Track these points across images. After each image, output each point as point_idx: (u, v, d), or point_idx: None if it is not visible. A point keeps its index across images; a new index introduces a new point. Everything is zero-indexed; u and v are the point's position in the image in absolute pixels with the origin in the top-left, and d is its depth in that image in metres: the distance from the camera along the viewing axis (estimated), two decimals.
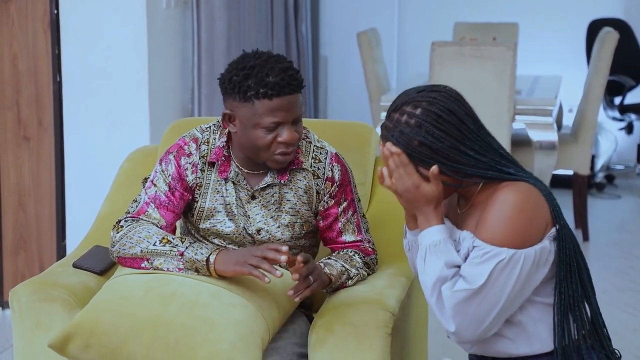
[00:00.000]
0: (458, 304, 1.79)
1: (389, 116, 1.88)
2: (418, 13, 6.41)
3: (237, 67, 2.03)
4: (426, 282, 1.84)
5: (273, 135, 2.03)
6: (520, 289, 1.80)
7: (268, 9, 4.87)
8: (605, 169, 5.99)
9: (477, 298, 1.78)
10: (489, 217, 1.80)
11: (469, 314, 1.80)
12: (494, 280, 1.78)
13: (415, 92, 1.86)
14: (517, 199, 1.80)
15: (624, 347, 3.42)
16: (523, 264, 1.78)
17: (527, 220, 1.80)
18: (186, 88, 4.02)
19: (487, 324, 1.81)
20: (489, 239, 1.79)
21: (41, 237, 3.67)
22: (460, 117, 1.83)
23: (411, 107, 1.84)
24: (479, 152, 1.83)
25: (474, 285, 1.78)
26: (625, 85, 5.83)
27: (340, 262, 2.13)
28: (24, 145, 3.62)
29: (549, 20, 6.17)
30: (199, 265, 2.01)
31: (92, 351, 1.96)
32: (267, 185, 2.13)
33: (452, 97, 1.85)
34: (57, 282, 2.20)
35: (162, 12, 3.72)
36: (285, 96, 2.00)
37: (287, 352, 2.05)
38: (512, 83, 4.25)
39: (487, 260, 1.78)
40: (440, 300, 1.82)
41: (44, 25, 3.55)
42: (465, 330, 1.81)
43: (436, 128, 1.81)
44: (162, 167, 2.15)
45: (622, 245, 4.80)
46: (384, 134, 1.89)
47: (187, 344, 1.92)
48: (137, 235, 2.06)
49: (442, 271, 1.82)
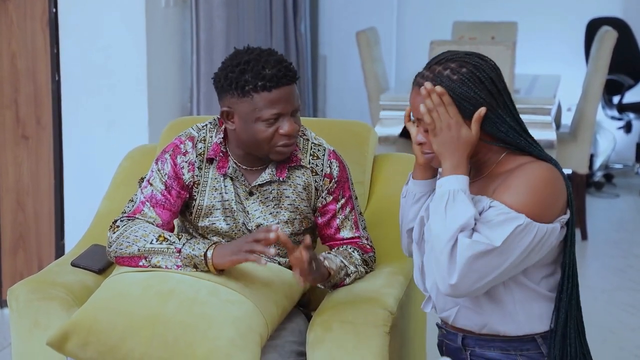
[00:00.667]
0: (474, 256, 1.75)
1: (429, 67, 1.87)
2: (417, 12, 6.41)
3: (232, 63, 2.04)
4: (447, 227, 1.77)
5: (274, 128, 2.03)
6: (522, 259, 1.79)
7: (267, 8, 4.87)
8: (604, 168, 5.99)
9: (491, 255, 1.76)
10: (514, 183, 1.79)
11: (477, 268, 1.76)
12: (509, 242, 1.76)
13: (463, 54, 1.87)
14: (546, 175, 1.81)
15: (622, 345, 3.43)
16: (535, 236, 1.78)
17: (550, 197, 1.81)
18: (185, 87, 4.02)
19: (485, 282, 1.78)
20: (512, 202, 1.77)
21: (40, 236, 3.67)
22: (499, 89, 1.85)
23: (457, 65, 1.84)
24: (512, 124, 1.85)
25: (496, 242, 1.75)
26: (624, 84, 5.83)
27: (339, 258, 2.13)
28: (22, 144, 3.62)
29: (547, 20, 6.18)
30: (197, 261, 2.01)
31: (90, 349, 1.96)
32: (266, 182, 2.13)
33: (496, 70, 1.87)
34: (55, 281, 2.20)
35: (161, 11, 3.72)
36: (283, 87, 2.01)
37: (286, 350, 2.05)
38: (510, 82, 4.25)
39: (506, 221, 1.76)
40: (454, 249, 1.77)
41: (42, 24, 3.55)
42: (464, 283, 1.77)
43: (474, 91, 1.81)
44: (159, 167, 2.15)
45: (620, 244, 4.81)
46: (418, 81, 1.86)
47: (186, 341, 1.92)
48: (133, 235, 2.06)
49: (470, 219, 1.77)
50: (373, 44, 5.13)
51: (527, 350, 1.89)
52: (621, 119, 6.01)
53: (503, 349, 1.89)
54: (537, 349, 1.89)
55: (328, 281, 2.10)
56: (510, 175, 1.82)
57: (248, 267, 2.07)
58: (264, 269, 2.08)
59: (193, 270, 2.03)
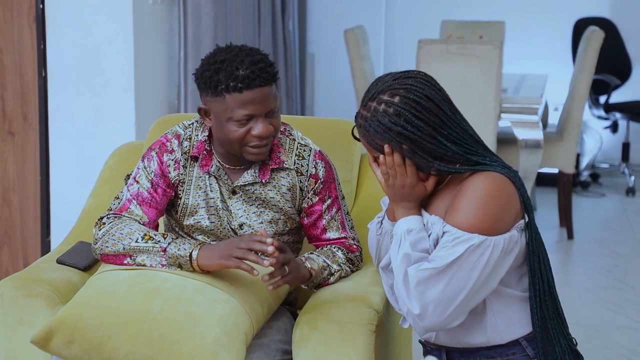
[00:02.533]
0: (422, 282, 1.78)
1: (365, 105, 1.87)
2: (405, 11, 6.42)
3: (209, 61, 2.03)
4: (396, 265, 1.84)
5: (246, 128, 2.03)
6: (487, 277, 1.80)
7: (255, 6, 4.87)
8: (590, 168, 6.02)
9: (443, 279, 1.78)
10: (462, 203, 1.80)
11: (434, 296, 1.78)
12: (461, 263, 1.77)
13: (391, 80, 1.85)
14: (490, 187, 1.81)
15: (607, 344, 3.45)
16: (492, 251, 1.78)
17: (499, 208, 1.81)
18: (172, 84, 4.01)
19: (452, 310, 1.79)
20: (461, 224, 1.79)
21: (25, 232, 3.66)
22: (437, 103, 1.83)
23: (388, 95, 1.83)
24: (456, 141, 1.84)
25: (440, 264, 1.78)
26: (611, 84, 5.85)
27: (322, 258, 2.13)
28: (8, 140, 3.61)
29: (535, 19, 6.20)
30: (182, 261, 2.01)
31: (75, 347, 1.95)
32: (248, 183, 2.13)
33: (428, 83, 1.85)
34: (41, 277, 2.19)
35: (149, 8, 3.70)
36: (255, 89, 1.99)
37: (272, 348, 2.05)
38: (498, 81, 4.27)
39: (457, 245, 1.78)
40: (406, 280, 1.81)
41: (29, 19, 3.53)
42: (430, 314, 1.79)
43: (415, 117, 1.81)
44: (145, 164, 2.14)
45: (606, 243, 4.83)
46: (360, 123, 1.87)
47: (172, 338, 1.92)
48: (119, 232, 2.06)
49: (412, 253, 1.82)
50: (361, 43, 5.13)
51: (513, 354, 1.89)
52: (607, 119, 6.04)
53: (489, 356, 1.90)
54: (523, 351, 1.89)
55: (311, 282, 2.10)
56: (459, 194, 1.83)
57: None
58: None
59: (178, 270, 2.02)
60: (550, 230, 4.97)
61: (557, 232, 4.97)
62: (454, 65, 4.25)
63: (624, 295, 4.01)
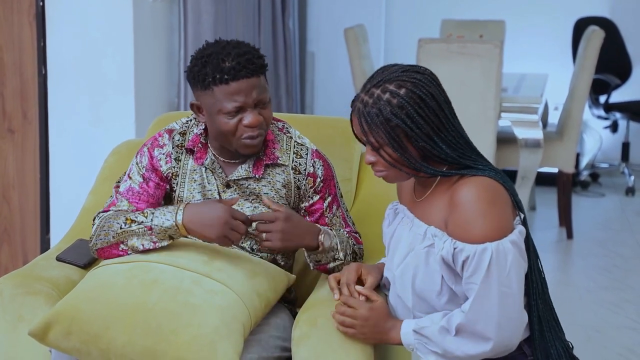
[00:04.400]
0: (475, 314, 1.77)
1: (368, 90, 1.83)
2: (405, 10, 6.42)
3: (197, 56, 2.05)
4: (447, 347, 1.82)
5: (237, 119, 2.03)
6: (521, 268, 1.79)
7: (255, 4, 4.86)
8: (590, 167, 6.02)
9: (488, 301, 1.76)
10: (463, 219, 1.78)
11: (492, 316, 1.76)
12: (495, 273, 1.76)
13: (399, 71, 1.83)
14: (485, 194, 1.79)
15: (607, 344, 3.44)
16: (512, 248, 1.77)
17: (499, 211, 1.79)
18: (172, 82, 4.01)
19: (515, 319, 1.79)
20: (473, 238, 1.77)
21: (25, 230, 3.66)
22: (440, 104, 1.82)
23: (395, 86, 1.80)
24: (451, 144, 1.82)
25: (476, 287, 1.76)
26: (611, 84, 5.85)
27: (336, 240, 2.13)
28: (8, 138, 3.60)
29: (535, 19, 6.20)
30: (171, 232, 2.02)
31: (73, 338, 1.95)
32: (242, 178, 2.14)
33: (434, 82, 1.84)
34: (40, 275, 2.19)
35: (149, 6, 3.70)
36: (242, 79, 2.00)
37: (270, 344, 2.05)
38: (498, 81, 4.26)
39: (478, 265, 1.77)
40: (460, 333, 1.80)
41: (29, 17, 3.53)
42: (504, 336, 1.78)
43: (417, 113, 1.79)
44: (137, 160, 2.18)
45: (605, 243, 4.83)
46: (358, 107, 1.84)
47: (170, 328, 1.92)
48: (107, 223, 2.08)
49: (440, 325, 1.82)
50: (361, 41, 5.13)
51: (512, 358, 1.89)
52: (607, 119, 6.03)
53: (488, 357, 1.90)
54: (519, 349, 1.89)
55: (313, 253, 2.10)
56: (455, 209, 1.79)
57: (232, 259, 2.07)
58: (248, 261, 2.08)
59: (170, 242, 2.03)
60: (549, 230, 4.97)
61: (557, 232, 4.97)
62: (454, 65, 4.25)
63: (624, 295, 4.01)
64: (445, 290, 1.85)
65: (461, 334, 1.80)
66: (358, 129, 1.86)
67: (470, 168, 1.84)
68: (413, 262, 1.88)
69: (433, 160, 1.84)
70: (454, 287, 1.84)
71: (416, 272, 1.87)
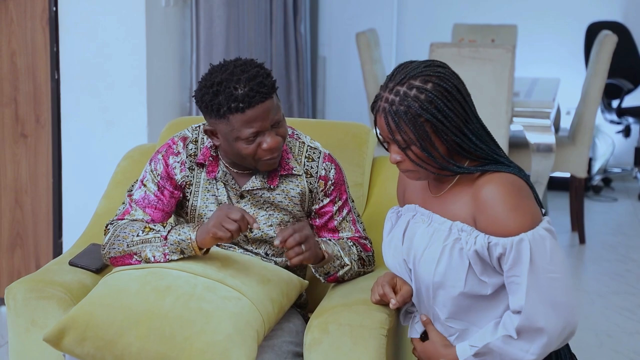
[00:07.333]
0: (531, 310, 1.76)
1: (392, 89, 1.80)
2: (417, 14, 6.42)
3: (206, 84, 2.02)
4: (515, 355, 1.80)
5: (255, 144, 2.03)
6: (563, 256, 1.79)
7: (267, 9, 4.87)
8: (603, 172, 6.00)
9: (539, 291, 1.75)
10: (495, 215, 1.78)
11: (548, 305, 1.76)
12: (537, 266, 1.75)
13: (422, 66, 1.81)
14: (512, 189, 1.79)
15: (619, 349, 3.43)
16: (548, 234, 1.78)
17: (528, 202, 1.80)
18: (184, 87, 4.02)
19: (568, 301, 1.78)
20: (508, 231, 1.77)
21: (38, 234, 3.67)
22: (464, 96, 1.81)
23: (420, 81, 1.79)
24: (479, 137, 1.82)
25: (522, 280, 1.75)
26: (623, 89, 5.83)
27: (337, 247, 2.13)
28: (21, 142, 3.62)
29: (547, 23, 6.18)
30: (184, 246, 2.02)
31: (87, 344, 1.96)
32: (256, 188, 2.14)
33: (455, 75, 1.84)
34: (53, 280, 2.20)
35: (161, 11, 3.71)
36: (257, 105, 1.99)
37: (283, 350, 2.05)
38: (510, 85, 4.26)
39: (518, 257, 1.76)
40: (522, 334, 1.78)
41: (42, 22, 3.55)
42: (565, 321, 1.77)
43: (446, 106, 1.78)
44: (152, 167, 2.16)
45: (618, 248, 4.81)
46: (384, 107, 1.80)
47: (183, 335, 1.92)
48: (122, 233, 2.08)
49: (502, 340, 1.81)
50: (373, 46, 5.13)
51: None
52: (620, 123, 6.01)
53: None
54: None
55: (321, 265, 2.10)
56: (481, 208, 1.79)
57: (245, 265, 2.07)
58: (261, 267, 2.08)
59: (180, 257, 2.03)
60: (562, 235, 4.96)
61: (569, 237, 4.96)
62: (466, 69, 4.24)
63: (637, 300, 3.99)
64: (469, 282, 1.84)
65: (523, 335, 1.78)
66: (384, 128, 1.82)
67: (496, 163, 1.84)
68: (432, 257, 1.86)
69: (459, 155, 1.84)
70: (487, 280, 1.82)
71: (438, 266, 1.85)
